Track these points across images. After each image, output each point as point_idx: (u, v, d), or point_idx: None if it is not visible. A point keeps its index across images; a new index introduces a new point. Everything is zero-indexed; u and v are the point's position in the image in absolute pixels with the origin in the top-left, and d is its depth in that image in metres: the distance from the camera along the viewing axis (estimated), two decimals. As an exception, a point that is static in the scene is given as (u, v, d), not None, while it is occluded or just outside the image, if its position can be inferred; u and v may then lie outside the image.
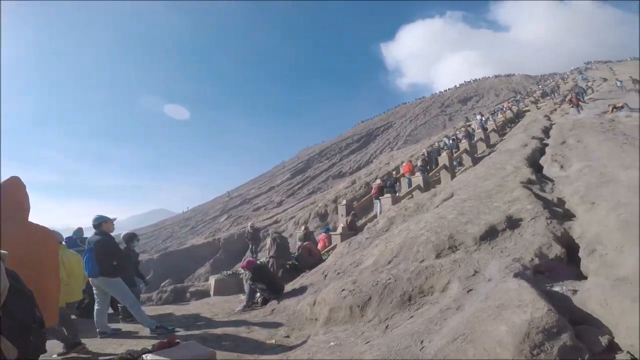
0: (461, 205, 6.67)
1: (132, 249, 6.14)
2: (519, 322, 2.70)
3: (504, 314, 2.90)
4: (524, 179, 7.37)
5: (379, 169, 28.25)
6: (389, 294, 4.41)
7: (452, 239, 5.32)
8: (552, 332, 2.60)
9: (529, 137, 13.00)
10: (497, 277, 3.96)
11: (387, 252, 5.81)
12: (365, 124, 75.60)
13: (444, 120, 57.27)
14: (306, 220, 20.90)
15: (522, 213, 5.62)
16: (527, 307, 2.87)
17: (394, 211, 9.01)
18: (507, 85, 64.51)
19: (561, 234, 4.89)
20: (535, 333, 2.58)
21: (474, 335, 2.81)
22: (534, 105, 24.80)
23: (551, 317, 2.70)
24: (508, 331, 2.66)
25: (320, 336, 4.24)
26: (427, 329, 3.34)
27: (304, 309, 5.26)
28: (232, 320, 5.77)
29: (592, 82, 30.42)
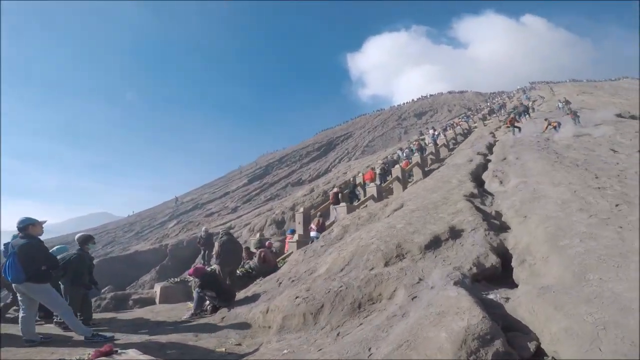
0: (410, 216, 6.93)
1: (86, 251, 5.65)
2: (457, 329, 2.83)
3: (444, 321, 3.02)
4: (467, 193, 7.86)
5: (336, 177, 28.69)
6: (340, 302, 4.46)
7: (400, 248, 5.51)
8: (487, 338, 2.75)
9: (474, 153, 13.94)
10: (439, 284, 4.14)
11: (340, 260, 5.88)
12: (326, 133, 76.48)
13: (399, 133, 59.63)
14: (262, 227, 20.53)
15: (463, 224, 5.97)
16: (465, 314, 3.01)
17: (348, 220, 9.14)
18: (460, 102, 68.91)
19: (497, 245, 5.26)
20: (471, 339, 2.71)
21: (416, 341, 2.90)
22: (481, 122, 26.76)
23: (485, 324, 2.85)
24: (447, 338, 2.77)
25: (273, 344, 4.19)
26: (375, 336, 3.42)
27: (257, 316, 5.15)
28: (178, 328, 5.50)
29: (534, 101, 33.40)
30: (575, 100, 28.92)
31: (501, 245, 5.30)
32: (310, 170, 49.86)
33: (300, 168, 53.42)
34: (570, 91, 37.39)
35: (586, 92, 33.81)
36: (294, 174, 50.44)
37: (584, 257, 3.87)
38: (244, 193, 45.02)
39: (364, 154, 50.23)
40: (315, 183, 32.05)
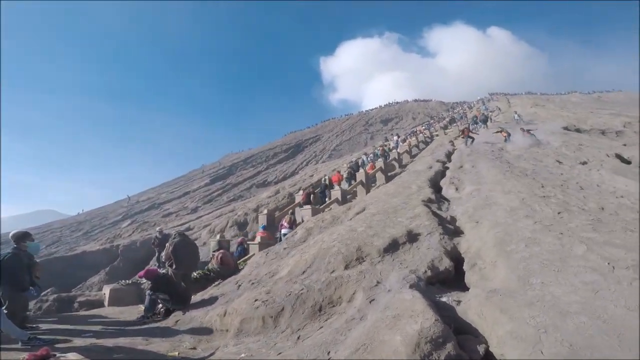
0: (370, 219, 7.04)
1: (22, 249, 5.05)
2: (411, 332, 2.88)
3: (399, 324, 3.07)
4: (425, 198, 8.14)
5: (303, 180, 28.64)
6: (301, 305, 4.43)
7: (360, 251, 5.57)
8: (439, 342, 2.82)
9: (434, 160, 14.51)
10: (396, 287, 4.23)
11: (302, 262, 5.85)
12: (295, 135, 76.28)
13: (366, 138, 60.85)
14: (222, 229, 19.90)
15: (420, 228, 6.16)
16: (419, 317, 3.08)
17: (312, 222, 9.12)
18: (424, 110, 71.56)
19: (451, 249, 5.45)
20: (424, 343, 2.77)
21: (373, 345, 2.93)
22: (442, 131, 27.96)
23: (438, 327, 2.93)
24: (402, 341, 2.82)
25: (230, 347, 4.07)
26: (334, 339, 3.42)
27: (214, 319, 4.98)
28: (127, 331, 5.16)
29: (492, 112, 35.47)
30: (528, 112, 31.11)
31: (454, 249, 5.51)
32: (276, 172, 49.37)
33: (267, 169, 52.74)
34: (525, 103, 40.19)
35: (539, 104, 36.47)
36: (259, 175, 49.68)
37: (529, 261, 4.10)
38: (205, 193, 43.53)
39: (332, 158, 50.64)
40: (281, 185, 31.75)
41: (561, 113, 27.80)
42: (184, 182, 56.69)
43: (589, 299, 3.14)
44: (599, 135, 19.56)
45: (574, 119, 23.71)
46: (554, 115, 26.83)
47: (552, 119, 24.76)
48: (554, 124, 21.84)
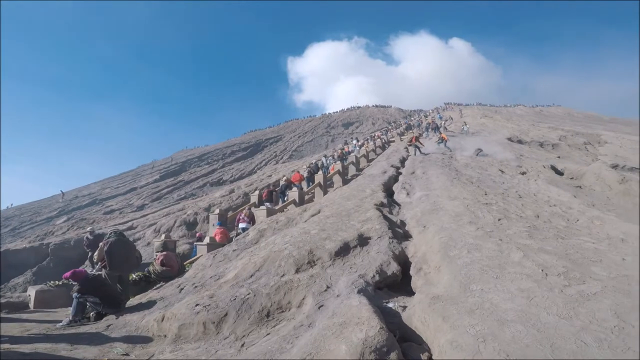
0: (324, 222, 6.98)
1: None
2: (356, 341, 2.84)
3: (345, 332, 3.02)
4: (377, 202, 8.27)
5: (260, 180, 28.01)
6: (247, 310, 4.25)
7: (312, 254, 5.48)
8: (383, 351, 2.78)
9: (388, 165, 14.92)
10: (344, 292, 4.17)
11: (251, 265, 5.65)
12: (255, 134, 74.90)
13: (327, 141, 61.34)
14: (169, 229, 18.76)
15: (371, 232, 6.20)
16: (364, 325, 3.04)
17: (265, 224, 8.87)
18: (383, 116, 73.80)
19: (399, 253, 5.53)
20: (369, 352, 2.73)
21: (319, 354, 2.85)
22: (398, 137, 28.97)
23: (382, 335, 2.90)
24: (347, 351, 2.77)
25: (166, 354, 3.79)
26: (280, 347, 3.29)
27: (150, 324, 4.61)
28: (50, 336, 4.63)
29: (446, 121, 37.51)
30: (478, 122, 33.29)
31: (402, 254, 5.59)
32: (233, 170, 47.94)
33: (223, 167, 51.01)
34: (475, 114, 42.98)
35: (487, 115, 39.23)
36: (214, 172, 47.89)
37: (470, 267, 4.23)
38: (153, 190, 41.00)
39: (292, 158, 50.30)
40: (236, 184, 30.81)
41: (506, 125, 30.05)
42: (131, 177, 53.01)
43: (525, 307, 3.26)
44: (537, 147, 21.40)
45: (517, 131, 25.71)
46: (500, 127, 28.91)
47: (498, 130, 26.66)
48: (499, 135, 23.53)
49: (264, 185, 24.31)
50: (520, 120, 34.19)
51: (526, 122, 31.88)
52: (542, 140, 22.74)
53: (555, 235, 5.36)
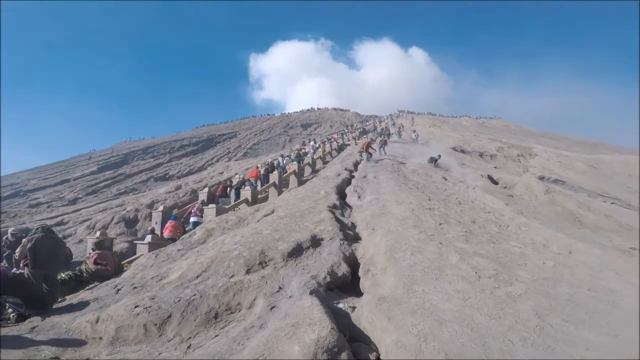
0: (278, 222, 6.96)
1: None
2: (309, 341, 2.89)
3: (298, 333, 3.05)
4: (330, 204, 8.44)
5: (210, 177, 26.96)
6: (193, 311, 4.11)
7: (264, 255, 5.43)
8: (334, 351, 2.87)
9: (343, 168, 15.28)
10: (297, 293, 4.21)
11: (197, 265, 5.45)
12: (208, 129, 72.17)
13: (285, 140, 60.94)
14: (106, 225, 17.28)
15: (324, 233, 6.32)
16: (316, 326, 3.10)
17: (214, 223, 8.59)
18: (341, 119, 75.01)
19: (349, 254, 5.70)
20: (321, 353, 2.80)
21: (272, 355, 2.86)
22: (354, 141, 29.70)
23: (333, 336, 2.98)
24: (300, 351, 2.81)
25: (103, 357, 3.59)
26: (230, 349, 3.24)
27: (83, 326, 4.28)
28: None
29: (398, 128, 39.21)
30: (427, 131, 35.24)
31: (352, 255, 5.78)
32: (181, 166, 45.61)
33: (170, 162, 48.31)
34: (425, 122, 45.46)
35: (436, 125, 41.71)
36: (160, 167, 45.19)
37: (413, 269, 4.51)
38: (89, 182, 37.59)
39: (246, 156, 49.21)
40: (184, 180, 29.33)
41: (452, 135, 32.21)
42: (64, 168, 48.02)
43: (460, 307, 3.56)
44: (478, 157, 23.26)
45: (461, 141, 27.66)
46: (446, 136, 30.91)
47: (445, 139, 28.49)
48: (445, 144, 25.18)
49: (214, 182, 23.48)
50: (464, 131, 36.87)
51: (469, 133, 34.45)
52: (482, 150, 24.76)
53: (488, 240, 5.89)
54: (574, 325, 3.27)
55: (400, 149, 21.34)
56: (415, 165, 16.30)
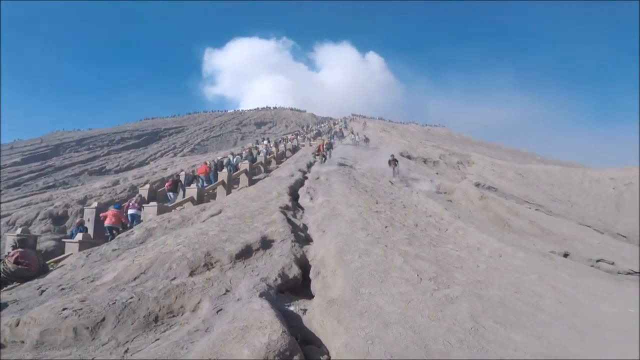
0: (225, 223, 6.74)
1: None
2: (259, 345, 2.84)
3: (247, 337, 2.98)
4: (283, 205, 8.37)
5: (153, 172, 25.32)
6: (130, 315, 3.88)
7: (209, 256, 5.23)
8: (286, 354, 2.84)
9: (296, 169, 15.27)
10: (246, 296, 4.12)
11: (134, 267, 5.11)
12: (153, 122, 67.74)
13: (237, 138, 59.23)
14: (29, 222, 15.43)
15: (275, 235, 6.24)
16: (266, 329, 3.05)
17: (155, 222, 8.07)
18: (297, 119, 74.67)
19: (300, 256, 5.70)
20: (272, 356, 2.76)
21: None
22: (308, 142, 29.82)
23: (285, 339, 2.95)
24: (250, 355, 2.75)
25: None
26: (173, 353, 3.11)
27: (1, 329, 3.83)
28: None
29: (350, 131, 40.15)
30: (377, 135, 36.53)
31: (304, 257, 5.78)
32: (120, 159, 42.17)
33: (108, 155, 44.43)
34: (376, 127, 47.09)
35: (386, 130, 43.48)
36: (96, 160, 41.34)
37: (361, 271, 4.64)
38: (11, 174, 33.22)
39: (194, 152, 47.05)
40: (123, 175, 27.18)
41: (400, 140, 33.79)
42: (-22, 156, 41.85)
43: (404, 309, 3.74)
44: (422, 163, 24.61)
45: (408, 147, 29.12)
46: (394, 142, 32.34)
47: (393, 144, 29.78)
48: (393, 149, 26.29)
49: (157, 178, 22.14)
50: (411, 137, 38.94)
51: (416, 140, 36.45)
52: (427, 157, 26.30)
53: (429, 243, 6.26)
54: (503, 326, 3.57)
55: (352, 152, 21.87)
56: (365, 168, 16.80)
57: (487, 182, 17.58)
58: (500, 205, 12.05)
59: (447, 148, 31.42)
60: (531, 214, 11.94)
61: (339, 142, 27.49)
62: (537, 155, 54.49)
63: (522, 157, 43.33)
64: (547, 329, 3.58)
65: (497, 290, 4.48)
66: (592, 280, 5.23)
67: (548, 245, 8.37)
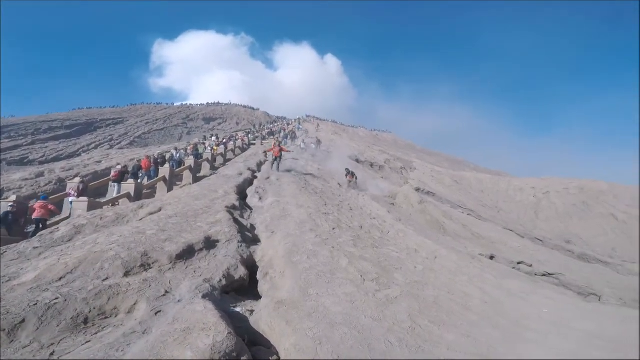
0: (165, 222, 6.41)
1: None
2: (203, 347, 2.75)
3: (190, 338, 2.89)
4: (229, 204, 8.16)
5: (85, 165, 22.99)
6: (55, 316, 3.61)
7: (147, 257, 4.96)
8: (233, 356, 2.78)
9: (245, 168, 14.95)
10: (187, 297, 3.98)
11: (60, 266, 4.69)
12: (89, 112, 61.77)
13: (182, 133, 56.42)
14: None
15: (220, 235, 6.07)
16: (211, 331, 2.96)
17: (85, 218, 7.39)
18: (249, 117, 72.70)
19: (247, 257, 5.61)
20: (218, 358, 2.69)
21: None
22: (260, 141, 29.33)
23: (231, 340, 2.89)
24: (193, 357, 2.67)
25: None
26: (107, 355, 2.98)
27: None
28: None
29: (305, 132, 40.23)
30: (329, 138, 37.10)
31: (251, 258, 5.70)
32: (46, 150, 37.77)
33: (32, 144, 39.53)
34: (328, 129, 47.79)
35: (337, 133, 44.35)
36: (17, 149, 36.56)
37: (309, 272, 4.71)
38: None
39: (133, 145, 43.84)
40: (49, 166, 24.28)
41: (350, 144, 34.72)
42: None
43: (349, 310, 3.87)
44: (369, 167, 25.54)
45: (356, 151, 30.01)
46: (345, 145, 33.15)
47: (343, 148, 30.51)
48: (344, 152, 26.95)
49: (89, 172, 20.20)
50: (360, 142, 40.23)
51: (364, 144, 37.72)
52: (373, 161, 27.36)
53: (372, 245, 6.54)
54: (437, 326, 3.83)
55: (304, 154, 22.00)
56: (316, 170, 17.02)
57: (427, 188, 18.82)
58: (437, 210, 12.98)
59: (392, 153, 32.99)
60: (464, 219, 13.03)
61: (292, 143, 27.50)
62: (471, 163, 59.52)
63: (458, 165, 47.03)
64: (475, 328, 3.86)
65: (432, 290, 4.78)
66: (513, 281, 5.71)
67: (477, 248, 9.15)
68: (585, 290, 7.61)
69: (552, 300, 4.89)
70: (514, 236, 12.25)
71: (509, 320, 4.14)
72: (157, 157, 15.86)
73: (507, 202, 21.77)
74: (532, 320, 4.16)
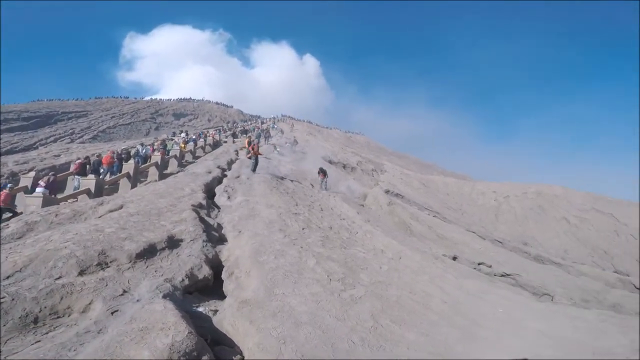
0: (126, 219, 6.16)
1: None
2: (162, 346, 2.70)
3: (148, 338, 2.83)
4: (195, 203, 7.95)
5: (41, 159, 21.57)
6: (3, 316, 3.42)
7: (104, 255, 4.75)
8: (193, 355, 2.73)
9: (215, 166, 14.62)
10: (147, 297, 3.88)
11: (8, 264, 4.46)
12: (49, 104, 58.17)
13: (150, 128, 54.58)
14: None
15: (184, 234, 5.91)
16: (170, 330, 2.90)
17: (38, 215, 6.94)
18: (222, 115, 71.00)
19: (212, 257, 5.50)
20: (177, 357, 2.64)
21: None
22: (232, 139, 28.78)
23: (191, 340, 2.84)
24: (151, 356, 2.61)
25: None
26: (58, 354, 2.88)
27: None
28: None
29: (280, 131, 39.95)
30: (304, 138, 37.10)
31: (216, 257, 5.60)
32: (0, 142, 35.17)
33: (-17, 136, 36.66)
34: (303, 130, 47.74)
35: (312, 134, 44.43)
36: (-35, 140, 33.78)
37: (275, 272, 4.70)
38: None
39: (97, 140, 41.84)
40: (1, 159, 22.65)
41: (324, 145, 34.90)
42: None
43: (314, 309, 3.91)
44: (342, 168, 25.79)
45: (330, 152, 30.22)
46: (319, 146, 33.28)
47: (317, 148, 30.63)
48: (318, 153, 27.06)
49: (45, 165, 19.03)
50: (334, 143, 40.58)
51: (338, 145, 38.10)
52: (346, 163, 27.69)
53: (340, 245, 6.63)
54: (399, 325, 3.93)
55: (277, 155, 21.85)
56: (289, 170, 16.97)
57: (396, 190, 19.29)
58: (405, 211, 13.35)
59: (364, 155, 33.54)
60: (430, 220, 13.48)
61: (265, 142, 27.23)
62: (439, 167, 61.69)
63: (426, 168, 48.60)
64: (434, 327, 3.99)
65: (395, 290, 4.92)
66: (473, 281, 5.94)
67: (441, 248, 9.50)
68: (539, 290, 8.08)
69: (508, 300, 5.11)
70: (476, 238, 12.82)
71: (466, 319, 4.29)
72: (121, 152, 15.19)
73: (470, 205, 22.74)
74: (488, 319, 4.32)
